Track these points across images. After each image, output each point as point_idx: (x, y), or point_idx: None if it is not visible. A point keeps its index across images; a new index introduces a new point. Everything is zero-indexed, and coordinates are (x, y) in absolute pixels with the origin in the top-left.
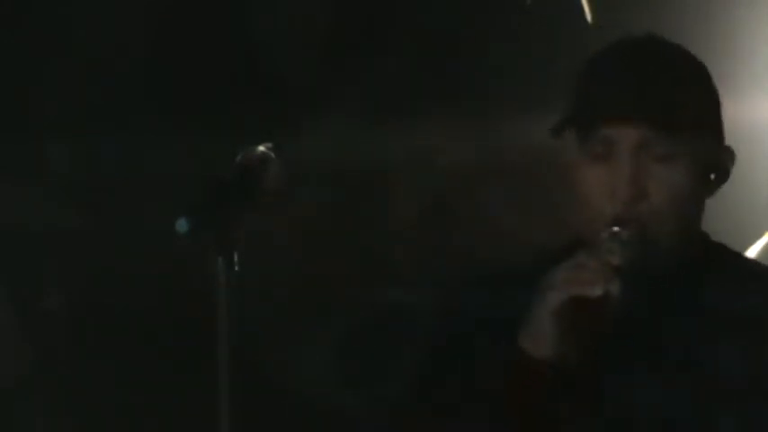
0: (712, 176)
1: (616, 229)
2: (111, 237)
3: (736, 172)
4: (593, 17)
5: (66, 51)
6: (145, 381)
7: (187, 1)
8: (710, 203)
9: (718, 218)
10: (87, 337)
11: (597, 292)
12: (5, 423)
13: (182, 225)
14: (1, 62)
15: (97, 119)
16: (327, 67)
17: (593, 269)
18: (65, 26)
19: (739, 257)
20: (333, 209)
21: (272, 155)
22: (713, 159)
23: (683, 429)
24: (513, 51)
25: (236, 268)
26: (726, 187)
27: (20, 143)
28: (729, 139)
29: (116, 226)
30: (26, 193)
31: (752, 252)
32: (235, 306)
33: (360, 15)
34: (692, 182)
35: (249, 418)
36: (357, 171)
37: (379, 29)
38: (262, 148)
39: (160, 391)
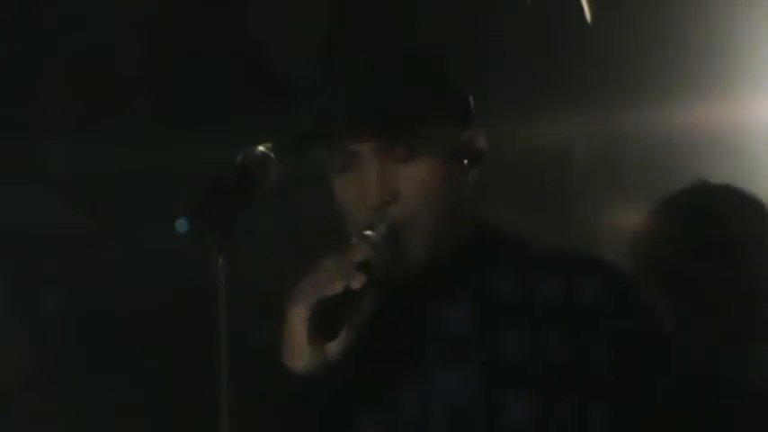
0: (465, 161)
1: (367, 232)
2: (111, 237)
3: (736, 172)
4: (593, 17)
5: (67, 51)
6: (145, 381)
7: (187, 1)
8: None
9: None
10: (87, 337)
11: (336, 289)
12: (5, 423)
13: (182, 225)
14: (1, 62)
15: (97, 119)
16: (327, 67)
17: (332, 269)
18: (65, 26)
19: (519, 243)
20: (332, 209)
21: (272, 155)
22: (459, 145)
23: (473, 416)
24: (513, 51)
25: (236, 268)
26: None
27: (20, 143)
28: (730, 140)
29: (116, 226)
30: (26, 193)
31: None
32: (235, 306)
33: (359, 15)
34: (441, 172)
35: (249, 417)
36: None
37: (379, 29)
38: (262, 148)
39: (160, 391)
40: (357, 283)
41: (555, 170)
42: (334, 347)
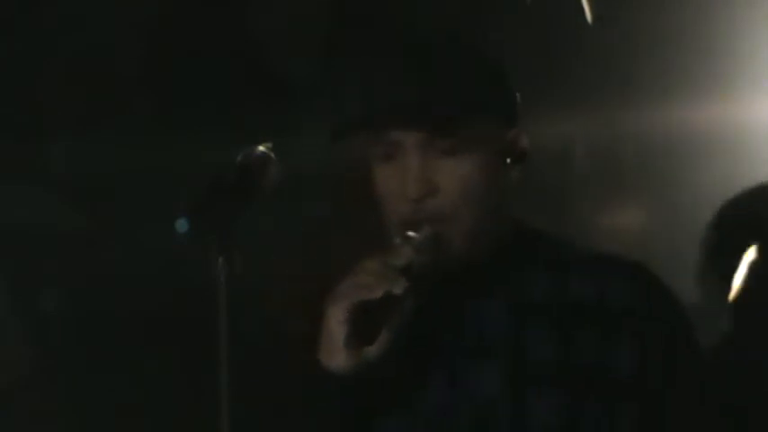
0: (508, 160)
1: (410, 233)
2: (111, 237)
3: (736, 172)
4: (593, 17)
5: (66, 51)
6: (145, 381)
7: (187, 1)
8: (710, 203)
9: None
10: (87, 337)
11: (377, 294)
12: (5, 423)
13: (182, 225)
14: (1, 62)
15: (97, 119)
16: (327, 67)
17: (374, 272)
18: (65, 26)
19: (556, 243)
20: (332, 209)
21: (272, 155)
22: (504, 144)
23: (502, 415)
24: (513, 51)
25: (236, 268)
26: (726, 187)
27: (20, 143)
28: (730, 140)
29: (116, 226)
30: (26, 193)
31: (751, 252)
32: (235, 306)
33: (359, 15)
34: (484, 170)
35: (249, 417)
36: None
37: (379, 29)
38: (262, 148)
39: (160, 391)
40: (399, 288)
41: (555, 170)
42: (371, 351)
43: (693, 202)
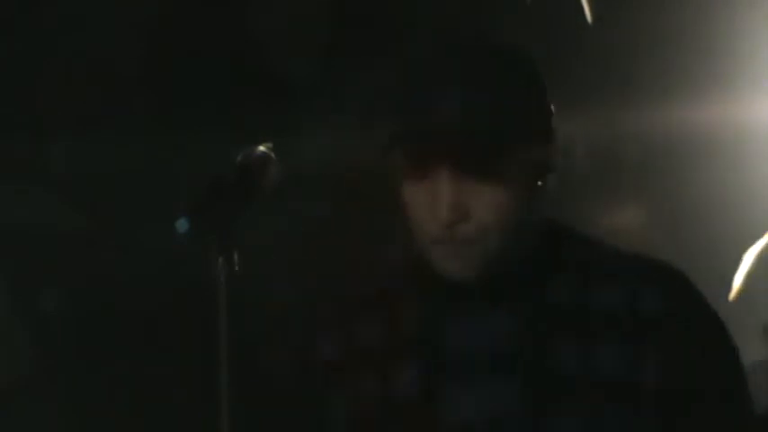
0: (544, 178)
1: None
2: (111, 237)
3: (736, 172)
4: (593, 17)
5: (66, 51)
6: (144, 381)
7: (187, 1)
8: (711, 203)
9: (718, 218)
10: (87, 337)
11: None
12: (5, 423)
13: (182, 225)
14: (1, 62)
15: (97, 119)
16: (327, 67)
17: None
18: (65, 26)
19: (586, 243)
20: (331, 209)
21: (272, 155)
22: (542, 163)
23: (520, 427)
24: None
25: (236, 268)
26: (726, 187)
27: (20, 143)
28: (730, 140)
29: (116, 226)
30: (26, 193)
31: (752, 252)
32: (235, 306)
33: (359, 15)
34: (518, 195)
35: (249, 417)
36: (357, 172)
37: (379, 29)
38: (262, 148)
39: (160, 391)
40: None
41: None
42: None
43: (693, 202)
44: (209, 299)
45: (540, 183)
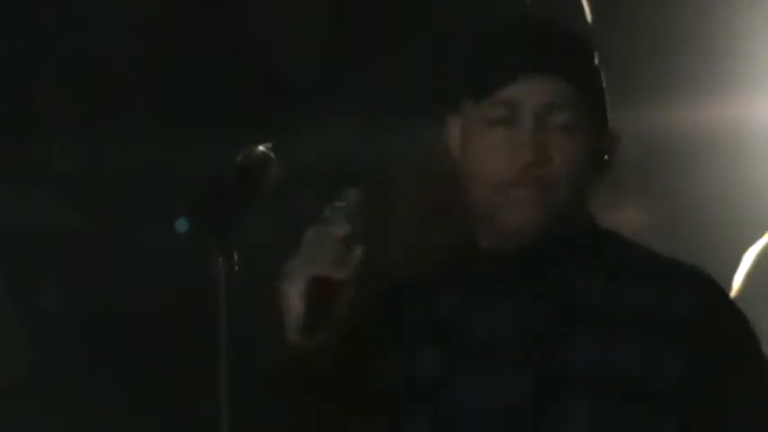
0: (605, 157)
1: (337, 203)
2: (111, 237)
3: (736, 172)
4: (593, 17)
5: (66, 51)
6: (144, 381)
7: (187, 1)
8: (711, 204)
9: (718, 218)
10: (87, 337)
11: (330, 265)
12: (5, 423)
13: (182, 225)
14: (1, 62)
15: (97, 119)
16: (327, 67)
17: (322, 245)
18: (65, 26)
19: (625, 245)
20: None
21: (272, 155)
22: (603, 140)
23: (527, 419)
24: None
25: (236, 268)
26: (726, 187)
27: (20, 143)
28: (730, 140)
29: (116, 226)
30: (26, 193)
31: (752, 252)
32: (235, 306)
33: (359, 15)
34: (588, 157)
35: (249, 417)
36: (356, 172)
37: (379, 29)
38: (262, 148)
39: (160, 391)
40: (355, 258)
41: None
42: (324, 332)
43: (693, 202)
44: (210, 299)
45: (604, 160)
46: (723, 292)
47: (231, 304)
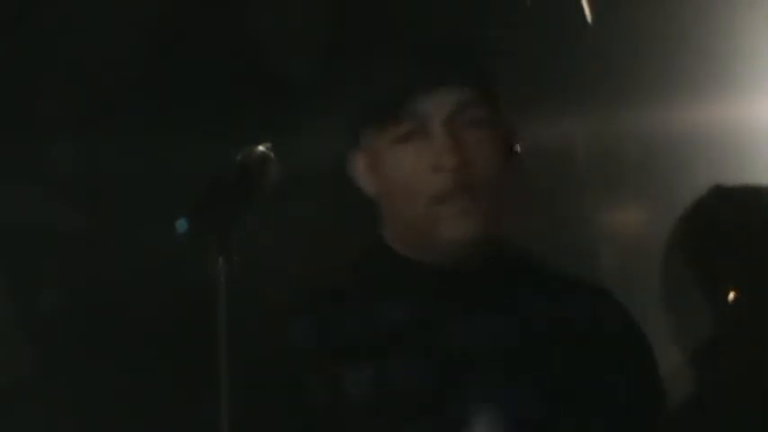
0: (518, 149)
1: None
2: (111, 237)
3: (736, 172)
4: (593, 17)
5: (66, 51)
6: (145, 381)
7: (187, 1)
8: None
9: None
10: (87, 337)
11: None
12: (5, 423)
13: (182, 225)
14: (1, 62)
15: (97, 119)
16: (327, 67)
17: None
18: (65, 26)
19: (536, 260)
20: (331, 209)
21: (272, 155)
22: (511, 135)
23: (480, 425)
24: (512, 51)
25: (236, 268)
26: None
27: (20, 143)
28: (730, 140)
29: (116, 226)
30: (26, 193)
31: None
32: (235, 306)
33: (359, 15)
34: (502, 149)
35: (249, 417)
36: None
37: (378, 29)
38: (262, 148)
39: (160, 391)
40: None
41: (555, 170)
42: None
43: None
44: (210, 299)
45: (515, 155)
46: (620, 304)
47: (231, 304)
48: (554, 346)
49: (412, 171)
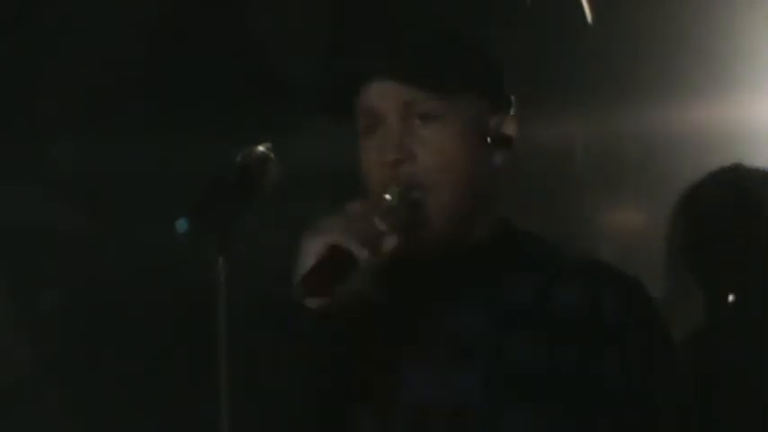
0: (489, 140)
1: (387, 196)
2: (111, 237)
3: None
4: (593, 17)
5: (67, 51)
6: (145, 381)
7: (187, 1)
8: None
9: None
10: (87, 337)
11: (355, 250)
12: (5, 423)
13: (182, 225)
14: (1, 62)
15: (97, 119)
16: (327, 67)
17: (358, 219)
18: (65, 26)
19: (543, 246)
20: (331, 210)
21: (272, 155)
22: (485, 124)
23: (471, 416)
24: (513, 51)
25: (236, 268)
26: None
27: (20, 143)
28: (730, 140)
29: (116, 226)
30: (26, 193)
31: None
32: (234, 306)
33: (359, 15)
34: (462, 143)
35: (249, 417)
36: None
37: (378, 28)
38: (262, 148)
39: (160, 391)
40: (378, 252)
41: (555, 170)
42: (324, 300)
43: None
44: (210, 299)
45: (489, 146)
46: (644, 288)
47: (231, 304)
48: (551, 330)
49: (367, 165)
